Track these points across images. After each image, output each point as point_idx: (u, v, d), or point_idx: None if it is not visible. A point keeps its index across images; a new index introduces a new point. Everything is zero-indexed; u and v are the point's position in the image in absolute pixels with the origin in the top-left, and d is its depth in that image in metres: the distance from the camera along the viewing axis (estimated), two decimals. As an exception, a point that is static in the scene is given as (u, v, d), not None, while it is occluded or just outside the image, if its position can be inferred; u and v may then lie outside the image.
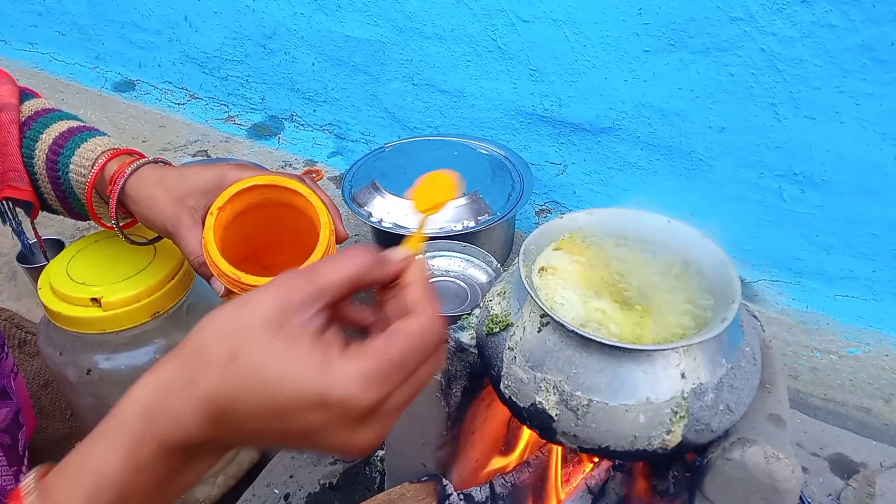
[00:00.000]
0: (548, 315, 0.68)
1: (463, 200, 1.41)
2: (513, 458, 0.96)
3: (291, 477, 1.05)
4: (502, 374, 0.71)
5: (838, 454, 1.08)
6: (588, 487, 0.86)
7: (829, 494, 1.03)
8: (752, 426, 0.72)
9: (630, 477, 0.88)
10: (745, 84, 1.38)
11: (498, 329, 0.73)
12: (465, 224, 1.38)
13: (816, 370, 1.35)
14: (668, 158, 1.54)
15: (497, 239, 1.48)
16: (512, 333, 0.72)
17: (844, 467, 1.06)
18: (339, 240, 0.75)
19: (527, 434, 0.99)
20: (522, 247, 0.74)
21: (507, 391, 0.71)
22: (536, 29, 1.54)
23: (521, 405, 0.70)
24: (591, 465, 0.91)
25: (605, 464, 0.88)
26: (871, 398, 1.28)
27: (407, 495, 0.82)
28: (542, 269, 0.74)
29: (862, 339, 1.40)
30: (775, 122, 1.38)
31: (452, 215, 1.40)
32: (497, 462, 0.96)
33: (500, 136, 1.73)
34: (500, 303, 0.76)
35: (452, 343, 0.82)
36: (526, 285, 0.69)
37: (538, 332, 0.69)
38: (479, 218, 1.39)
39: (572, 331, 0.64)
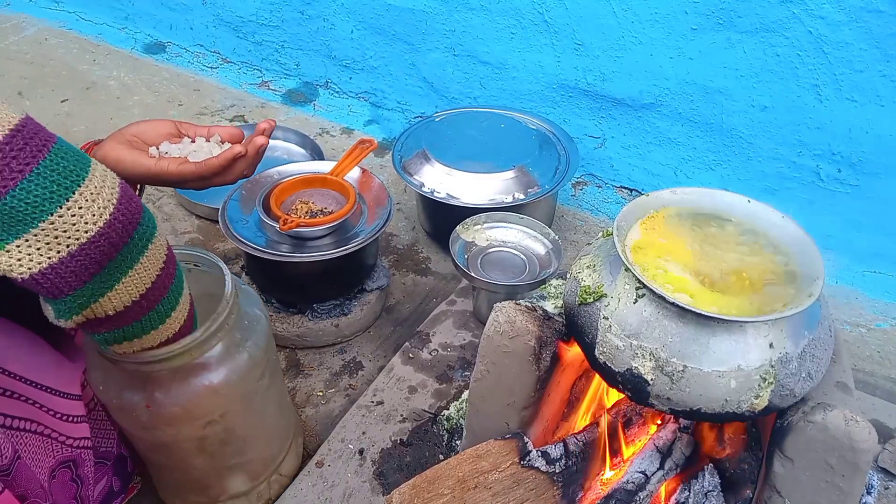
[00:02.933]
0: (644, 287, 0.73)
1: (511, 173, 1.45)
2: (578, 419, 1.02)
3: (364, 433, 1.12)
4: (597, 341, 0.77)
5: (874, 420, 1.16)
6: (656, 447, 0.93)
7: (866, 457, 1.11)
8: (822, 392, 0.78)
9: (694, 438, 0.94)
10: (790, 65, 1.42)
11: (592, 299, 0.78)
12: (516, 196, 1.43)
13: (846, 342, 1.42)
14: (709, 135, 1.58)
15: (541, 211, 1.53)
16: (606, 304, 0.77)
17: (880, 433, 1.13)
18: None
19: (588, 397, 1.05)
20: (615, 223, 0.79)
21: (602, 357, 0.77)
22: (584, 3, 1.57)
23: (616, 370, 0.75)
24: (655, 426, 0.97)
25: (671, 426, 0.95)
26: (899, 369, 1.36)
27: (492, 451, 0.88)
28: (634, 244, 0.79)
29: (889, 314, 1.47)
30: (817, 102, 1.43)
31: (501, 188, 1.44)
32: (563, 423, 1.02)
33: (539, 109, 1.77)
34: (590, 275, 0.81)
35: (539, 312, 0.87)
36: (623, 260, 0.74)
37: (634, 302, 0.75)
38: (528, 190, 1.44)
39: (672, 302, 0.70)
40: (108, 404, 0.88)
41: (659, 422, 0.98)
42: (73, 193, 0.60)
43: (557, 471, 0.88)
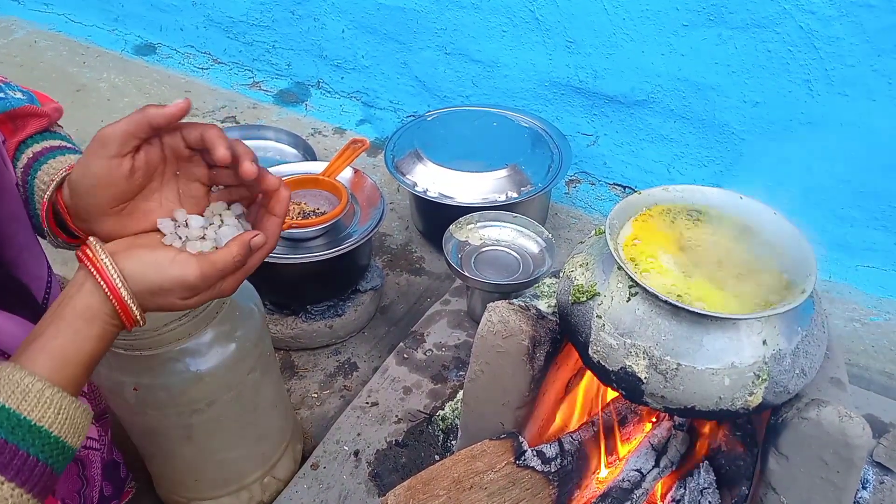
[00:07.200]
0: (637, 285, 0.73)
1: (504, 172, 1.45)
2: (573, 418, 1.02)
3: (359, 434, 1.11)
4: (591, 340, 0.77)
5: (869, 415, 1.16)
6: (651, 445, 0.92)
7: (861, 452, 1.11)
8: (816, 388, 0.78)
9: (689, 435, 0.94)
10: (781, 60, 1.42)
11: (585, 298, 0.78)
12: (509, 195, 1.42)
13: (841, 337, 1.42)
14: (701, 131, 1.58)
15: (535, 209, 1.53)
16: (599, 302, 0.77)
17: (875, 427, 1.14)
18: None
19: (581, 396, 1.05)
20: (607, 221, 0.78)
21: (595, 356, 0.76)
22: (575, 0, 1.57)
23: (611, 369, 0.75)
24: (651, 424, 0.97)
25: (666, 423, 0.95)
26: (893, 363, 1.36)
27: (488, 451, 0.88)
28: (627, 241, 0.79)
29: (883, 308, 1.48)
30: (809, 97, 1.43)
31: (494, 186, 1.44)
32: (557, 421, 1.02)
33: (532, 107, 1.76)
34: (583, 273, 0.81)
35: (532, 311, 0.87)
36: (616, 258, 0.74)
37: (626, 301, 0.74)
38: (521, 189, 1.43)
39: (664, 300, 0.70)
40: (100, 385, 0.88)
41: (654, 420, 0.98)
42: None
43: (553, 470, 0.88)
